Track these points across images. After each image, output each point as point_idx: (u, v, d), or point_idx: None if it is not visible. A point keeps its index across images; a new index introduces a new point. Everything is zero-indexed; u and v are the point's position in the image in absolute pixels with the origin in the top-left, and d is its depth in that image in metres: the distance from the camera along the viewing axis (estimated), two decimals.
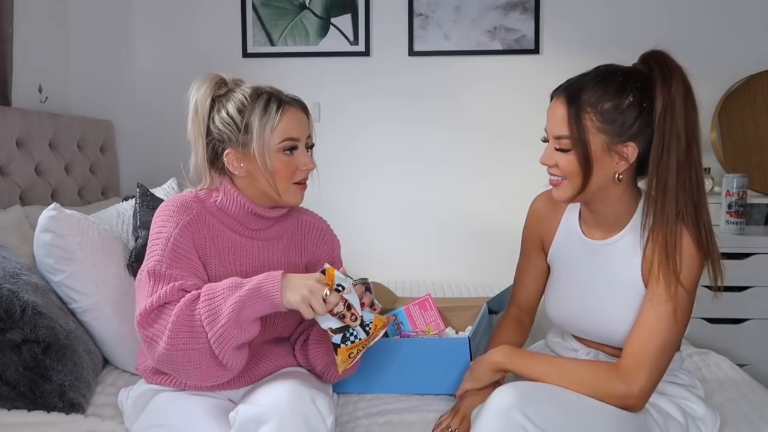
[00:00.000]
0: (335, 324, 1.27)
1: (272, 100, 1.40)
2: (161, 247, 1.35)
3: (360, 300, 1.29)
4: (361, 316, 1.28)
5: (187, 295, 1.28)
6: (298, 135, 1.41)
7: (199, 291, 1.30)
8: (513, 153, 2.99)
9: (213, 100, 1.43)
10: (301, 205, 1.56)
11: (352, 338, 1.28)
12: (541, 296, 1.58)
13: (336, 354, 1.29)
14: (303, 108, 1.44)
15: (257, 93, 1.41)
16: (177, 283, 1.30)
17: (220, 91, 1.44)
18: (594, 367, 1.27)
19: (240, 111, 1.39)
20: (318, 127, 3.00)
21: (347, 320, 1.26)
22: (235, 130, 1.39)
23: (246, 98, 1.40)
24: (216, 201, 1.44)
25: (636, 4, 2.94)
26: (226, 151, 1.41)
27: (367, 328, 1.29)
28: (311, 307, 1.24)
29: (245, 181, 1.42)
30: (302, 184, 1.45)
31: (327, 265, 1.30)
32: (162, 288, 1.30)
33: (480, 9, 2.96)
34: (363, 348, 1.31)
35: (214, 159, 1.44)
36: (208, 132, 1.42)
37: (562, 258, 1.47)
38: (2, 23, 2.27)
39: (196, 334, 1.25)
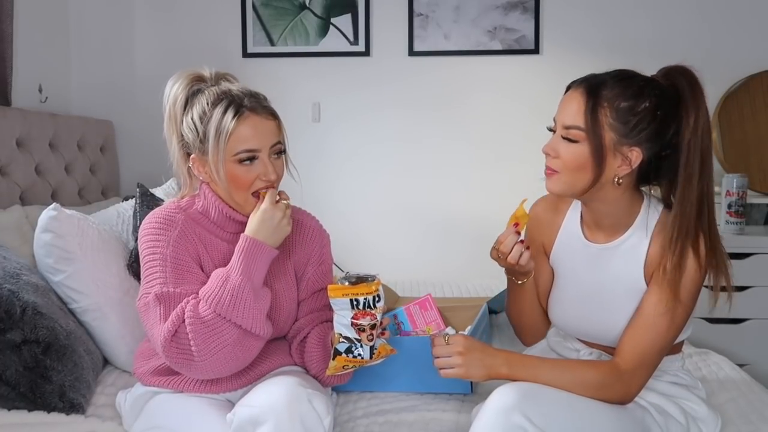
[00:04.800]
0: (348, 333, 1.27)
1: (231, 107, 1.32)
2: (160, 267, 1.33)
3: (380, 320, 1.29)
4: (375, 339, 1.28)
5: (188, 306, 1.29)
6: (257, 145, 1.34)
7: (190, 297, 1.31)
8: (513, 153, 2.98)
9: (187, 99, 1.38)
10: (295, 205, 1.55)
11: (355, 353, 1.28)
12: None
13: (332, 359, 1.29)
14: (269, 113, 1.37)
15: (219, 98, 1.34)
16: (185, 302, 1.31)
17: (195, 87, 1.39)
18: (597, 371, 1.26)
19: (201, 118, 1.35)
20: (317, 127, 3.05)
21: (363, 337, 1.27)
22: (196, 137, 1.36)
23: (208, 104, 1.34)
24: (198, 207, 1.43)
25: (635, 5, 2.93)
26: (191, 156, 1.39)
27: (373, 351, 1.29)
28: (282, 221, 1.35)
29: (216, 185, 1.40)
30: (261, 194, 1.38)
31: (378, 277, 1.30)
32: (174, 310, 1.30)
33: (480, 9, 2.96)
34: (358, 366, 1.31)
35: (187, 162, 1.41)
36: (180, 133, 1.39)
37: (563, 262, 1.45)
38: (2, 23, 2.27)
39: (219, 331, 1.27)
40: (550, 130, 1.32)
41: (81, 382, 1.51)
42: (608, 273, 1.36)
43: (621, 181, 1.27)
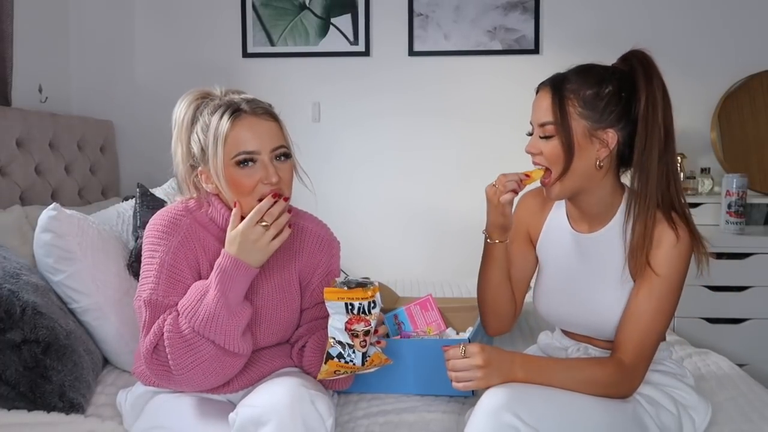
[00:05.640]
0: (342, 337, 1.26)
1: (226, 112, 1.32)
2: (155, 273, 1.34)
3: (375, 328, 1.28)
4: (369, 346, 1.27)
5: (167, 321, 1.29)
6: (255, 147, 1.31)
7: (172, 310, 1.31)
8: (512, 153, 2.95)
9: (193, 118, 1.38)
10: (302, 209, 1.54)
11: (347, 358, 1.27)
12: (528, 286, 1.58)
13: (324, 363, 1.28)
14: (267, 115, 1.35)
15: (217, 107, 1.34)
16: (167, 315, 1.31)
17: (203, 105, 1.38)
18: (605, 370, 1.27)
19: (203, 130, 1.34)
20: (318, 127, 3.05)
21: (356, 343, 1.26)
22: (200, 150, 1.35)
23: (208, 116, 1.34)
24: (207, 212, 1.42)
25: (636, 5, 2.94)
26: (198, 169, 1.38)
27: (366, 358, 1.28)
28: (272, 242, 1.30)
29: (224, 196, 1.38)
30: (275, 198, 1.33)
31: (377, 284, 1.29)
32: (156, 322, 1.31)
33: (480, 9, 2.96)
34: (349, 372, 1.30)
35: (192, 175, 1.40)
36: (189, 150, 1.38)
37: (550, 251, 1.48)
38: (2, 23, 2.27)
39: (196, 347, 1.28)
40: (529, 134, 1.39)
41: (81, 382, 1.51)
42: (593, 262, 1.39)
43: (602, 164, 1.32)
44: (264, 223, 1.28)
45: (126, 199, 2.31)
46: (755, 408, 1.50)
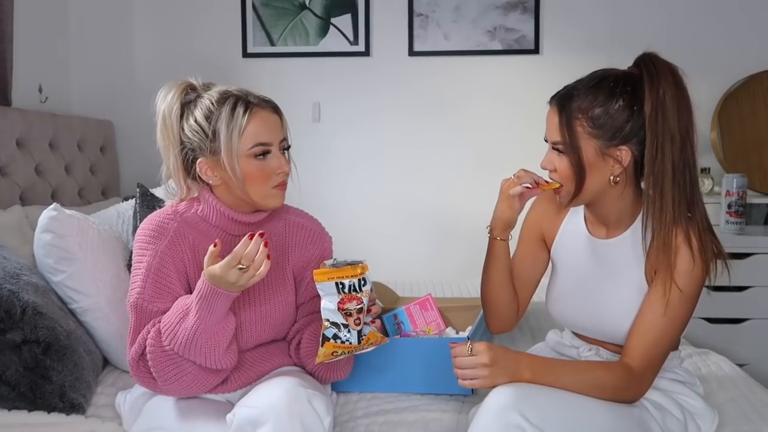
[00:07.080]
0: (336, 318, 1.26)
1: (239, 103, 1.33)
2: (142, 278, 1.34)
3: (367, 306, 1.28)
4: (364, 324, 1.27)
5: (150, 333, 1.30)
6: (269, 139, 1.34)
7: (156, 321, 1.31)
8: (512, 153, 2.97)
9: (182, 108, 1.37)
10: (292, 205, 1.54)
11: (343, 338, 1.26)
12: (536, 287, 1.57)
13: (321, 345, 1.27)
14: (274, 109, 1.38)
15: (224, 97, 1.34)
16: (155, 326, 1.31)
17: (189, 97, 1.38)
18: (612, 374, 1.27)
19: (207, 117, 1.33)
20: (317, 127, 3.06)
21: (350, 322, 1.26)
22: (203, 137, 1.34)
23: (213, 103, 1.34)
24: (198, 211, 1.41)
25: (636, 5, 2.94)
26: (198, 161, 1.36)
27: (361, 337, 1.28)
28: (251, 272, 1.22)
29: (222, 188, 1.38)
30: (280, 186, 1.38)
31: (365, 262, 1.29)
32: (142, 330, 1.32)
33: (480, 9, 2.96)
34: (347, 353, 1.29)
35: (189, 168, 1.39)
36: (181, 141, 1.37)
37: (565, 255, 1.47)
38: (2, 23, 2.27)
39: (178, 362, 1.29)
40: (546, 140, 1.35)
41: (81, 383, 1.51)
42: (609, 268, 1.37)
43: (617, 179, 1.30)
44: (241, 267, 1.22)
45: (126, 199, 2.31)
46: (755, 408, 1.50)
